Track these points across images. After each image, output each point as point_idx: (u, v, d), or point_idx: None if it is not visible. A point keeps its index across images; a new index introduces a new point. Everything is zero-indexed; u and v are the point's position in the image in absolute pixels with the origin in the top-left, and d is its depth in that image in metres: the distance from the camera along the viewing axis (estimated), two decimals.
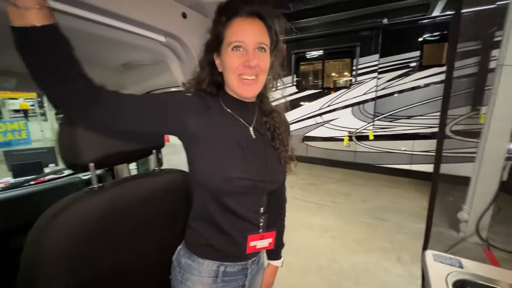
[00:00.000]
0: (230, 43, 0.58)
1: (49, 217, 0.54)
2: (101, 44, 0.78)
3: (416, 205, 3.34)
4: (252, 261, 0.73)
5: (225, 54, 0.60)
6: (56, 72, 0.46)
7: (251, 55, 0.58)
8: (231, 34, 0.58)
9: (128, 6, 0.62)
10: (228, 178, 0.60)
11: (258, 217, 0.68)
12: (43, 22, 0.43)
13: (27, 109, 13.37)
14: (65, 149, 0.62)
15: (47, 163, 3.12)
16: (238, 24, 0.58)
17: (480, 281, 0.62)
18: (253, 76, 0.60)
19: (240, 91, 0.62)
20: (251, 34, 0.58)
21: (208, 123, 0.61)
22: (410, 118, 3.83)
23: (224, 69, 0.62)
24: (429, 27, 3.64)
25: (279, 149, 0.70)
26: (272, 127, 0.71)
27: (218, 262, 0.67)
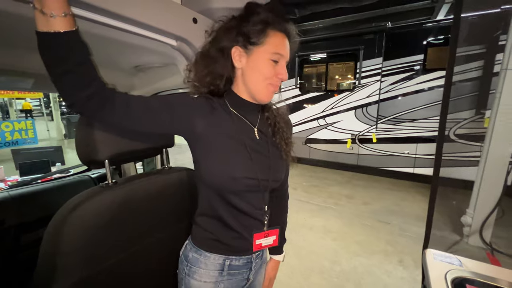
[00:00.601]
0: (273, 52, 0.62)
1: (69, 210, 0.57)
2: (115, 47, 0.82)
3: (419, 208, 3.33)
4: (256, 255, 0.76)
5: (262, 59, 0.63)
6: (76, 75, 0.49)
7: (285, 69, 0.65)
8: (276, 44, 0.62)
9: (141, 12, 0.66)
10: (233, 178, 0.62)
11: (262, 214, 0.71)
12: (66, 28, 0.46)
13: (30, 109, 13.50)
14: (82, 147, 0.66)
15: (54, 162, 3.18)
16: (281, 37, 0.63)
17: (479, 279, 0.64)
18: (278, 86, 0.66)
19: (263, 97, 0.66)
20: (288, 51, 0.65)
21: (213, 124, 0.64)
22: (414, 121, 3.83)
23: (253, 70, 0.64)
24: (433, 30, 3.64)
25: (280, 143, 0.73)
26: (273, 121, 0.74)
27: (224, 256, 0.70)
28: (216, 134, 0.64)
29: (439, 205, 3.18)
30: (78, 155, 0.65)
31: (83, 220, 0.58)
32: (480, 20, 3.22)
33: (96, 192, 0.63)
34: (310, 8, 0.70)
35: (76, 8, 0.56)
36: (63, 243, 0.55)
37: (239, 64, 0.65)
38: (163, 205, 0.79)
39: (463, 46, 3.33)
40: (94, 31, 0.66)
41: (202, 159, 0.65)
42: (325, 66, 4.62)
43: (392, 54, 3.90)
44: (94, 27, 0.64)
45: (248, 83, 0.65)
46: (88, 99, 0.51)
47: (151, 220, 0.75)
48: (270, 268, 0.87)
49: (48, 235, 0.57)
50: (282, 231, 0.87)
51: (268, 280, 0.86)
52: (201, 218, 0.72)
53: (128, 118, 0.57)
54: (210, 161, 0.63)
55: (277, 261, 0.88)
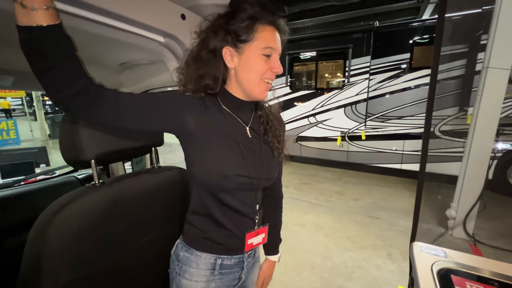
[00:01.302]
0: (264, 47, 0.61)
1: (53, 212, 0.55)
2: (100, 43, 0.79)
3: (406, 203, 3.43)
4: (248, 254, 0.76)
5: (254, 56, 0.61)
6: (61, 71, 0.47)
7: (278, 62, 0.64)
8: (267, 39, 0.61)
9: (128, 7, 0.64)
10: (226, 175, 0.62)
11: (254, 213, 0.71)
12: (49, 22, 0.44)
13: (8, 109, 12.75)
14: (66, 147, 0.63)
15: (38, 163, 3.07)
16: (271, 31, 0.62)
17: (463, 269, 0.66)
18: (271, 81, 0.65)
19: (258, 94, 0.65)
20: (279, 44, 0.64)
21: (206, 122, 0.63)
22: (401, 118, 3.93)
23: (246, 68, 0.63)
24: (419, 30, 3.74)
25: (272, 141, 0.72)
26: (265, 119, 0.73)
27: (215, 255, 0.69)
28: (209, 132, 0.63)
29: (426, 199, 3.29)
30: (63, 155, 0.63)
31: (69, 222, 0.56)
32: (463, 20, 3.33)
33: (82, 192, 0.61)
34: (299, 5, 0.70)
35: (60, 2, 0.54)
36: (47, 246, 0.53)
37: (232, 64, 0.64)
38: (153, 204, 0.77)
39: (447, 45, 3.44)
40: (78, 26, 0.63)
41: (194, 157, 0.64)
42: (315, 64, 4.66)
43: (380, 53, 3.98)
44: (77, 22, 0.62)
45: (242, 81, 0.64)
46: (75, 95, 0.50)
47: (140, 220, 0.74)
48: (265, 268, 0.87)
49: (31, 238, 0.55)
50: (277, 230, 0.88)
51: (262, 279, 0.86)
52: (193, 216, 0.71)
53: (117, 116, 0.56)
54: (203, 159, 0.62)
55: (273, 261, 0.88)
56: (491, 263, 0.68)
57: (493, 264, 0.67)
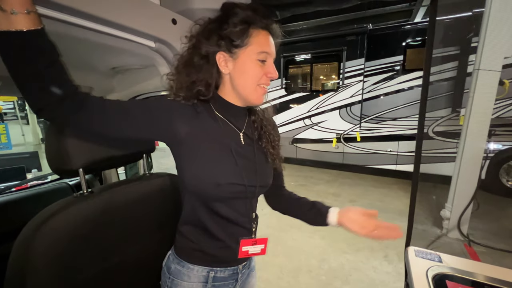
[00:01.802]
0: (259, 52, 0.60)
1: (38, 223, 0.53)
2: (90, 49, 0.78)
3: (401, 204, 3.45)
4: (243, 266, 0.73)
5: (248, 61, 0.60)
6: (41, 78, 0.45)
7: (274, 67, 0.63)
8: (261, 43, 0.60)
9: (118, 13, 0.63)
10: (217, 184, 0.59)
11: (250, 222, 0.68)
12: (29, 27, 0.43)
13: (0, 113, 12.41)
14: (52, 155, 0.62)
15: (30, 168, 3.01)
16: (265, 35, 0.61)
17: (458, 274, 0.66)
18: (268, 86, 0.64)
19: (255, 99, 0.64)
20: (273, 48, 0.63)
21: (197, 129, 0.61)
22: (395, 120, 3.97)
23: (241, 73, 0.61)
24: (411, 32, 3.79)
25: (266, 147, 0.70)
26: (259, 124, 0.71)
27: (208, 267, 0.66)
28: (200, 139, 0.61)
29: (421, 200, 3.31)
30: (49, 164, 0.61)
31: (55, 233, 0.54)
32: (454, 22, 3.39)
33: (69, 202, 0.59)
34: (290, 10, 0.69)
35: (48, 9, 0.53)
36: (33, 258, 0.51)
37: (226, 70, 0.62)
38: (144, 213, 0.75)
39: (439, 47, 3.49)
40: (68, 32, 0.62)
41: (185, 165, 0.62)
42: (309, 66, 4.69)
43: (374, 55, 4.02)
44: (68, 28, 0.60)
45: (238, 87, 0.62)
46: (58, 104, 0.47)
47: (130, 230, 0.72)
48: (348, 218, 0.81)
49: (16, 251, 0.53)
50: (315, 203, 0.84)
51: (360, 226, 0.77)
52: (185, 227, 0.68)
53: (104, 124, 0.54)
54: (194, 167, 0.60)
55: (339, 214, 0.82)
56: (486, 267, 0.69)
57: (487, 269, 0.67)
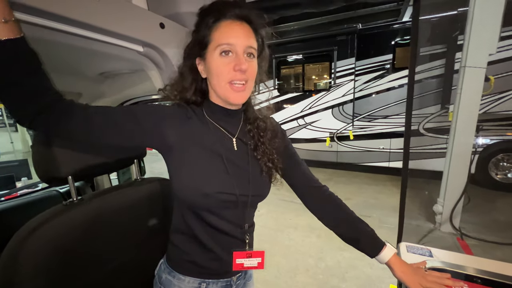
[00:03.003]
0: (218, 45, 0.55)
1: (26, 233, 0.52)
2: (77, 54, 0.77)
3: (395, 200, 3.50)
4: (237, 277, 0.69)
5: (212, 59, 0.57)
6: (23, 87, 0.45)
7: (242, 58, 0.55)
8: (220, 36, 0.55)
9: (106, 18, 0.62)
10: (206, 194, 0.57)
11: (243, 233, 0.65)
12: (8, 36, 0.42)
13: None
14: (40, 163, 0.60)
15: (20, 177, 2.94)
16: (227, 26, 0.55)
17: (448, 268, 0.68)
18: (243, 81, 0.57)
19: (230, 98, 0.58)
20: (241, 37, 0.55)
21: (187, 135, 0.59)
22: (387, 117, 4.02)
23: (211, 75, 0.58)
24: (400, 31, 3.86)
25: (261, 159, 0.65)
26: (256, 135, 0.66)
27: (199, 279, 0.64)
28: (189, 145, 0.58)
29: (413, 195, 3.37)
30: (36, 172, 0.60)
31: (43, 244, 0.53)
32: (440, 21, 3.47)
33: (58, 211, 0.58)
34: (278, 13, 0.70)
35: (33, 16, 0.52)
36: (19, 271, 0.50)
37: (204, 74, 0.61)
38: (136, 220, 0.74)
39: (427, 45, 3.57)
40: (53, 39, 0.61)
41: (174, 172, 0.59)
42: (301, 67, 4.72)
43: (364, 54, 4.08)
44: (52, 34, 0.59)
45: (214, 88, 0.60)
46: (38, 113, 0.46)
47: (122, 237, 0.71)
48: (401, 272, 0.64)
49: (3, 263, 0.51)
50: (367, 230, 0.71)
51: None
52: (176, 236, 0.66)
53: (89, 132, 0.52)
54: (182, 174, 0.58)
55: (394, 255, 0.67)
56: (475, 260, 0.70)
57: (477, 261, 0.68)
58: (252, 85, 0.62)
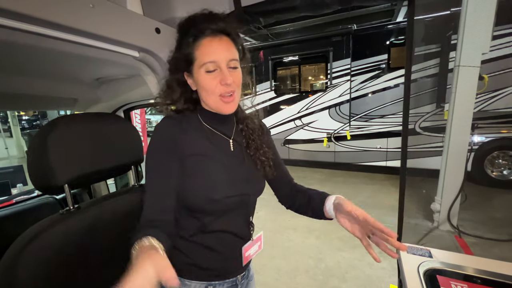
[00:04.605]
0: (202, 64, 0.58)
1: (23, 243, 0.51)
2: (72, 61, 0.76)
3: (393, 199, 3.51)
4: (242, 276, 0.71)
5: (199, 76, 0.60)
6: None
7: (226, 73, 0.58)
8: (203, 55, 0.58)
9: (100, 24, 0.62)
10: (213, 200, 0.59)
11: (248, 230, 0.69)
12: None
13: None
14: (35, 172, 0.59)
15: (15, 183, 2.90)
16: (207, 44, 0.58)
17: (448, 268, 0.68)
18: (230, 93, 0.60)
19: (222, 109, 0.62)
20: (222, 52, 0.58)
21: (188, 146, 0.60)
22: (383, 117, 4.05)
23: (201, 89, 0.62)
24: (394, 31, 3.90)
25: (254, 155, 0.70)
26: (247, 133, 0.71)
27: (206, 282, 0.65)
28: (191, 155, 0.60)
29: (412, 194, 3.38)
30: (32, 181, 0.59)
31: (41, 254, 0.52)
32: (434, 21, 3.51)
33: (55, 221, 0.57)
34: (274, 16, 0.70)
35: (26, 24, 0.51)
36: (17, 281, 0.49)
37: (194, 87, 0.64)
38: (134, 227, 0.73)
39: (421, 45, 3.60)
40: (51, 47, 0.61)
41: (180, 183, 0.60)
42: (298, 68, 4.74)
43: (359, 55, 4.10)
44: (48, 41, 0.59)
45: (206, 101, 0.63)
46: None
47: (121, 245, 0.70)
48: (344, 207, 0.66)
49: None
50: (319, 193, 0.75)
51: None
52: (178, 241, 0.65)
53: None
54: (188, 185, 0.59)
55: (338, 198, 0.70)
56: (475, 260, 0.70)
57: (476, 261, 0.69)
58: (240, 93, 0.65)
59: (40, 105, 1.38)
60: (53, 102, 1.23)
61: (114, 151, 0.71)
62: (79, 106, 1.27)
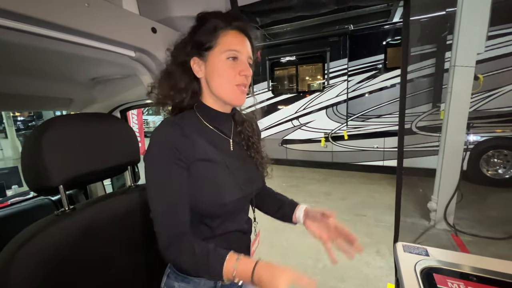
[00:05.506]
0: (227, 50, 0.59)
1: (17, 246, 0.50)
2: (68, 60, 0.75)
3: (390, 199, 3.53)
4: None
5: (219, 62, 0.60)
6: None
7: (247, 65, 0.62)
8: (228, 42, 0.59)
9: (95, 24, 0.61)
10: (224, 204, 0.60)
11: (250, 225, 0.72)
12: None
13: None
14: (29, 172, 0.59)
15: (10, 185, 2.87)
16: (234, 35, 0.61)
17: (444, 267, 0.68)
18: (245, 85, 0.63)
19: (234, 99, 0.62)
20: (245, 47, 0.62)
21: (192, 152, 0.58)
22: (380, 117, 4.07)
23: (214, 75, 0.61)
24: (390, 32, 3.92)
25: (255, 157, 0.72)
26: (246, 136, 0.72)
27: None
28: (196, 163, 0.59)
29: (409, 193, 3.40)
30: (26, 182, 0.58)
31: (34, 257, 0.51)
32: (430, 21, 3.53)
33: (49, 222, 0.56)
34: (271, 16, 0.70)
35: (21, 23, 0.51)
36: (10, 285, 0.48)
37: (200, 74, 0.62)
38: (131, 228, 0.73)
39: (417, 45, 3.62)
40: (43, 45, 0.60)
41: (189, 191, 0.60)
42: (295, 68, 4.75)
43: (356, 55, 4.12)
44: (42, 41, 0.58)
45: (214, 89, 0.62)
46: None
47: (117, 246, 0.69)
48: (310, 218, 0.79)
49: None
50: (287, 201, 0.84)
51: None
52: None
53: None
54: (197, 192, 0.59)
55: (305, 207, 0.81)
56: (471, 258, 0.71)
57: (472, 259, 0.69)
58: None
59: (34, 105, 1.36)
60: (48, 102, 1.22)
61: (110, 151, 0.71)
62: (74, 106, 1.26)
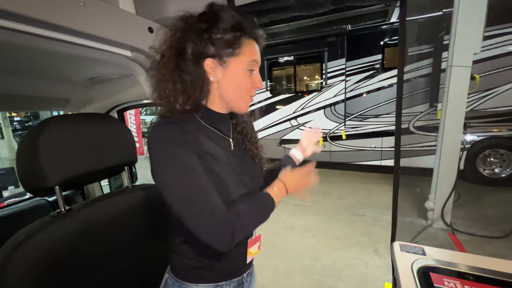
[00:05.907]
0: (250, 61, 0.59)
1: (12, 248, 0.50)
2: (64, 60, 0.75)
3: (388, 198, 3.54)
4: (247, 274, 0.71)
5: (238, 69, 0.58)
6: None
7: (259, 77, 0.62)
8: (252, 53, 0.59)
9: (91, 24, 0.61)
10: (231, 201, 0.58)
11: None
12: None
13: None
14: (25, 173, 0.58)
15: (6, 186, 2.85)
16: (254, 45, 0.60)
17: (441, 266, 0.69)
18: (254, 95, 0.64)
19: (241, 107, 0.64)
20: (260, 57, 0.62)
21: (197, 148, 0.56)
22: (378, 116, 4.09)
23: (231, 84, 0.59)
24: (388, 32, 3.94)
25: (250, 150, 0.71)
26: (240, 128, 0.71)
27: (213, 283, 0.64)
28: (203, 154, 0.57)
29: (406, 193, 3.42)
30: (21, 182, 0.58)
31: (30, 259, 0.51)
32: (427, 22, 3.55)
33: (45, 223, 0.56)
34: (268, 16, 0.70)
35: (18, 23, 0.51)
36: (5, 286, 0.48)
37: (215, 77, 0.58)
38: (128, 229, 0.73)
39: (414, 45, 3.64)
40: (39, 45, 0.59)
41: None
42: (293, 68, 4.75)
43: (354, 55, 4.13)
44: (38, 41, 0.58)
45: (226, 96, 0.60)
46: None
47: (114, 247, 0.69)
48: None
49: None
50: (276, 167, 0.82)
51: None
52: (183, 246, 0.64)
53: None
54: None
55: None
56: (467, 257, 0.71)
57: (469, 258, 0.70)
58: None
59: (31, 105, 1.35)
60: (44, 103, 1.21)
61: (107, 151, 0.70)
62: (71, 106, 1.26)
